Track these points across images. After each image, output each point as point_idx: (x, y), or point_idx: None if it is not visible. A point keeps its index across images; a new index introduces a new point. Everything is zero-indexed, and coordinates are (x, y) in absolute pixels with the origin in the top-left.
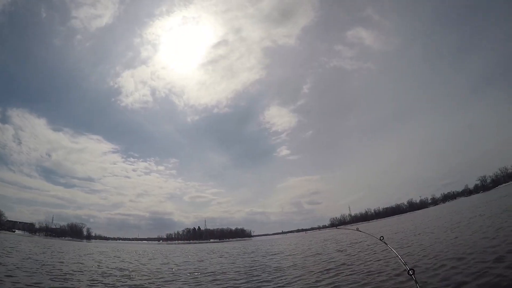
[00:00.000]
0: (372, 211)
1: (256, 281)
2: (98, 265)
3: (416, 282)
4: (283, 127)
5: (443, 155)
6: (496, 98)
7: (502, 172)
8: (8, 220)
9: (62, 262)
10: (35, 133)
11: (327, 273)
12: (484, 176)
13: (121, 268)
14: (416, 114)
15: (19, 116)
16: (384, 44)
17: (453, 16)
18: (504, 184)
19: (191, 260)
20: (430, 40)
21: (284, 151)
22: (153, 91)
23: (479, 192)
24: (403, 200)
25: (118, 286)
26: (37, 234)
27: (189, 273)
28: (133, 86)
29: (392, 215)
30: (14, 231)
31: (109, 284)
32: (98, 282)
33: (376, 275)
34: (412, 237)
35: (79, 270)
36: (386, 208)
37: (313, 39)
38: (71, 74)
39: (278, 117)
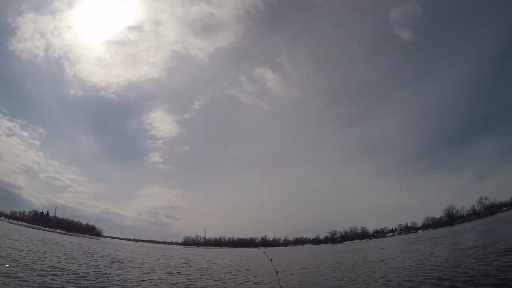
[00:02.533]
0: (227, 239)
1: None
2: None
3: None
4: (163, 134)
5: (305, 203)
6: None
7: (351, 231)
8: None
9: None
10: None
11: None
12: (335, 231)
13: None
14: (292, 161)
15: None
16: (285, 92)
17: (349, 94)
18: (351, 241)
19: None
20: (325, 106)
21: (156, 158)
22: (48, 47)
23: (328, 243)
24: (258, 235)
25: None
26: None
27: None
28: (30, 33)
29: (245, 247)
30: None
31: None
32: None
33: None
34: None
35: None
36: (240, 239)
37: (222, 62)
38: None
39: (161, 123)
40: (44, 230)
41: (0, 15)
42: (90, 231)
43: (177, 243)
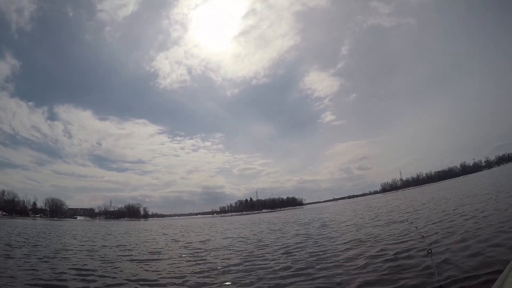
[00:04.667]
0: (424, 175)
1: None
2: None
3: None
4: (325, 92)
5: (496, 115)
6: None
7: None
8: (69, 208)
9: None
10: (83, 125)
11: None
12: None
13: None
14: (465, 72)
15: (65, 111)
16: None
17: None
18: None
19: (228, 236)
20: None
21: (328, 117)
22: (189, 69)
23: None
24: (456, 163)
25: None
26: (97, 218)
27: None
28: (169, 68)
29: (445, 179)
30: (76, 218)
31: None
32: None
33: None
34: None
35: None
36: (439, 172)
37: None
38: (107, 64)
39: (319, 83)
40: (252, 213)
41: (139, 68)
42: (292, 202)
43: (376, 192)
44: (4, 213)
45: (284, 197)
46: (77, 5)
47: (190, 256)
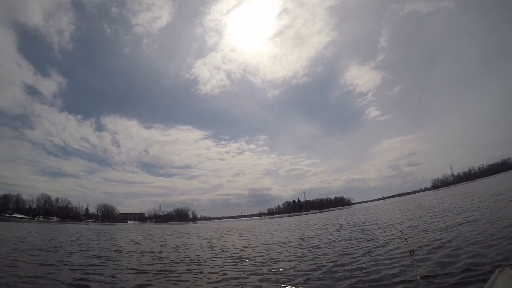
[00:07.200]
0: (477, 169)
1: None
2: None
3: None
4: (367, 87)
5: None
6: None
7: None
8: (120, 213)
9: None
10: (130, 134)
11: None
12: None
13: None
14: None
15: (112, 122)
16: None
17: None
18: None
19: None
20: None
21: (373, 112)
22: (228, 74)
23: None
24: (509, 154)
25: None
26: (147, 222)
27: None
28: (208, 74)
29: (498, 173)
30: (127, 222)
31: None
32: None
33: None
34: None
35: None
36: (491, 165)
37: None
38: (148, 74)
39: (360, 77)
40: (299, 215)
41: (178, 76)
42: (340, 202)
43: (426, 189)
44: (58, 218)
45: (332, 197)
46: (112, 22)
47: (213, 267)
